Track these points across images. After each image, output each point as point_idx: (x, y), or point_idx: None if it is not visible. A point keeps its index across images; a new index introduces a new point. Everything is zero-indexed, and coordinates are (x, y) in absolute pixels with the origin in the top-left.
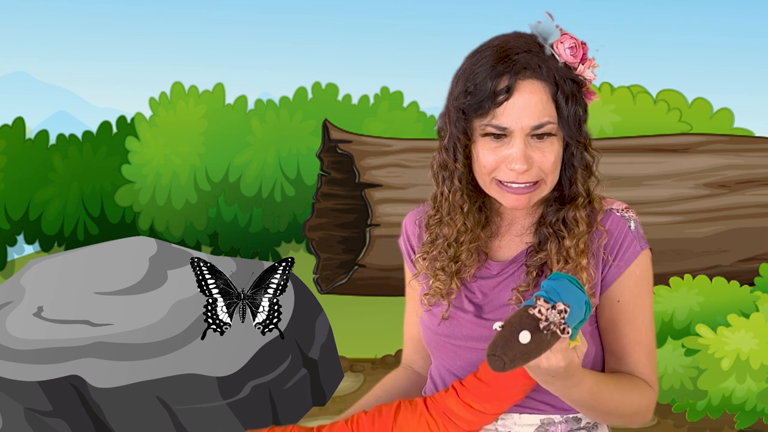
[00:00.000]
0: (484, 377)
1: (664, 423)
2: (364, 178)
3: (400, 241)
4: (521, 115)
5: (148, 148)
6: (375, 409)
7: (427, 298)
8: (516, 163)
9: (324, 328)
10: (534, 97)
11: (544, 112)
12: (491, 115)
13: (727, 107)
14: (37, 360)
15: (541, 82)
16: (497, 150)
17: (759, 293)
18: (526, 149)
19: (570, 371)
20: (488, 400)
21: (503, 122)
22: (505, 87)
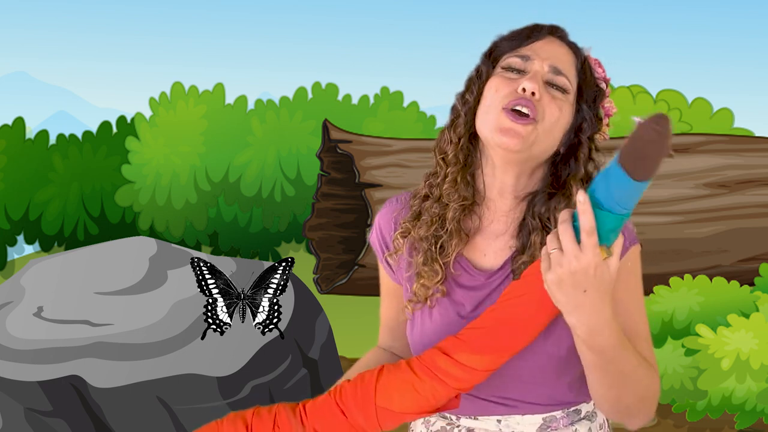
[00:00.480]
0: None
1: (664, 423)
2: (364, 178)
3: (373, 239)
4: (546, 54)
5: (148, 148)
6: (358, 376)
7: (411, 304)
8: (528, 82)
9: (324, 328)
10: (561, 50)
11: (566, 67)
12: (517, 50)
13: (727, 107)
14: (37, 360)
15: (570, 49)
16: (513, 81)
17: (759, 293)
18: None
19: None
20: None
21: (526, 53)
22: (539, 32)
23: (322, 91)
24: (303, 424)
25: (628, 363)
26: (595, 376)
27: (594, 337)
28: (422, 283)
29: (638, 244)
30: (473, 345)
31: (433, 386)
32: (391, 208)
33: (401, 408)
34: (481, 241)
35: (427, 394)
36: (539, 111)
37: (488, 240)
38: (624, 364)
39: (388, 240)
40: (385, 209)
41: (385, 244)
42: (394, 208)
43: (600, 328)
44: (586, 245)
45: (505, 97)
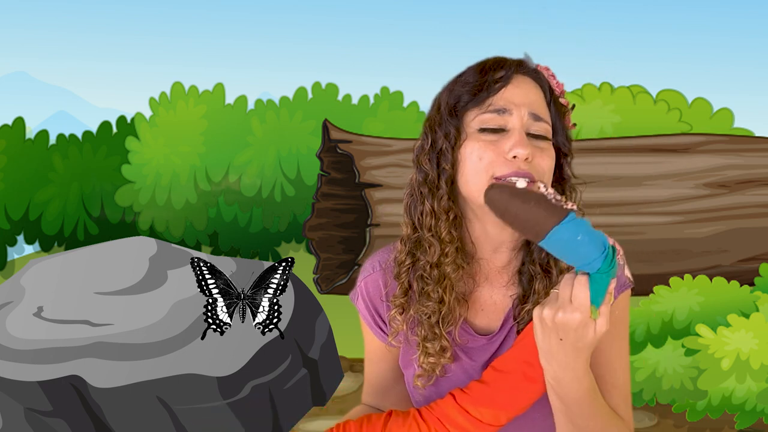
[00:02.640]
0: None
1: (664, 423)
2: (364, 178)
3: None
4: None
5: (148, 148)
6: (364, 417)
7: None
8: (518, 147)
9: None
10: (532, 92)
11: (542, 110)
12: (488, 103)
13: (727, 107)
14: (37, 360)
15: (536, 83)
16: (495, 144)
17: (759, 293)
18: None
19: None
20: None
21: (500, 104)
22: (502, 75)
23: (322, 91)
24: None
25: (597, 420)
26: (561, 422)
27: (561, 386)
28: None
29: (629, 290)
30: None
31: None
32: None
33: None
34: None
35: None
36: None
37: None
38: (592, 420)
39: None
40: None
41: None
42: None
43: (568, 381)
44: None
45: (493, 164)
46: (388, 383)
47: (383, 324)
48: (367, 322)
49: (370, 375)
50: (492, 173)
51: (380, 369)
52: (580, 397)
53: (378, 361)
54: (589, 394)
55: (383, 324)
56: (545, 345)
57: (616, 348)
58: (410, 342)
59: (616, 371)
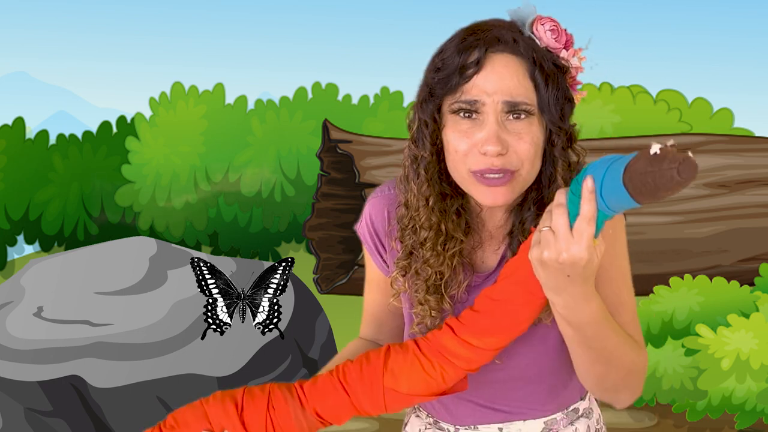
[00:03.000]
0: (482, 308)
1: (664, 423)
2: (364, 178)
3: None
4: (493, 89)
5: (148, 148)
6: (362, 356)
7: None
8: (488, 144)
9: (324, 328)
10: (507, 71)
11: (519, 88)
12: (460, 91)
13: (727, 107)
14: (37, 360)
15: (516, 57)
16: (469, 133)
17: (759, 293)
18: (500, 131)
19: (588, 273)
20: (488, 332)
21: (473, 95)
22: (474, 60)
23: (322, 91)
24: (302, 405)
25: (610, 339)
26: (577, 351)
27: (573, 313)
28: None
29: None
30: (475, 328)
31: (443, 368)
32: (382, 201)
33: (409, 390)
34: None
35: (437, 375)
36: (512, 162)
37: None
38: (606, 340)
39: (381, 235)
40: (376, 199)
41: (379, 240)
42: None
43: (580, 306)
44: (582, 234)
45: (467, 156)
46: (385, 314)
47: (384, 251)
48: (369, 249)
49: (369, 305)
50: (468, 166)
51: (379, 299)
52: (592, 318)
53: (377, 291)
54: (602, 312)
55: (384, 251)
56: (551, 282)
57: (617, 266)
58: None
59: (621, 289)
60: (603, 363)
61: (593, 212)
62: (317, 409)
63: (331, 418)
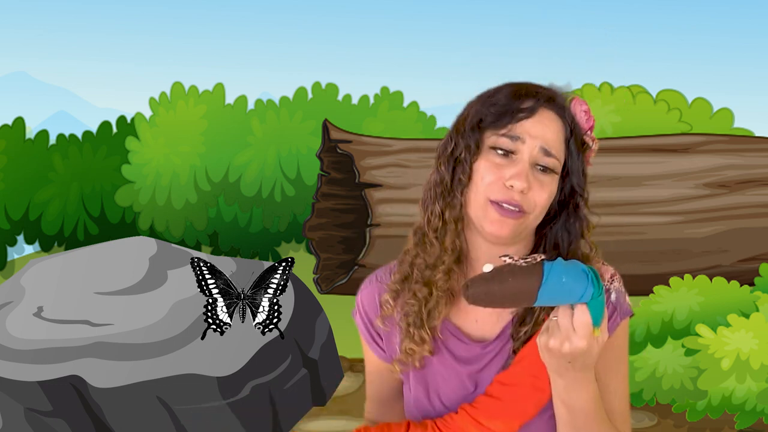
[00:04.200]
0: (494, 393)
1: (664, 423)
2: (364, 178)
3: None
4: (536, 134)
5: (148, 148)
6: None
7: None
8: (517, 180)
9: (324, 328)
10: (551, 126)
11: (556, 144)
12: (507, 128)
13: (727, 107)
14: (37, 360)
15: (560, 119)
16: (501, 168)
17: (759, 293)
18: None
19: (588, 361)
20: (499, 416)
21: (518, 133)
22: (529, 107)
23: (322, 91)
24: None
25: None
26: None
27: (571, 396)
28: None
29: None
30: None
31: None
32: (372, 289)
33: None
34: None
35: None
36: (528, 203)
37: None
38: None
39: (374, 321)
40: (367, 290)
41: (373, 328)
42: (375, 288)
43: (578, 391)
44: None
45: (492, 186)
46: (388, 401)
47: (378, 338)
48: (365, 337)
49: (371, 390)
50: (488, 195)
51: (380, 384)
52: (587, 404)
53: (378, 378)
54: (595, 400)
55: (378, 338)
56: (554, 366)
57: (616, 374)
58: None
59: (615, 396)
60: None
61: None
62: None
63: None
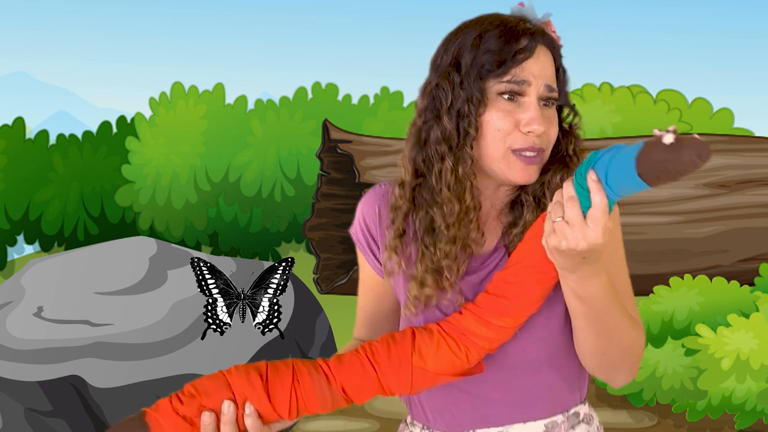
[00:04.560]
0: (498, 291)
1: (664, 423)
2: (364, 178)
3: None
4: (539, 73)
5: (148, 148)
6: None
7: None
8: (535, 124)
9: (324, 328)
10: (548, 61)
11: (553, 78)
12: (511, 73)
13: (727, 107)
14: (37, 360)
15: (550, 50)
16: (512, 114)
17: (759, 293)
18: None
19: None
20: (507, 313)
21: (523, 76)
22: (526, 46)
23: (322, 91)
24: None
25: (615, 313)
26: (582, 325)
27: (584, 287)
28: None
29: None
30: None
31: (467, 347)
32: (373, 200)
33: (436, 369)
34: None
35: (462, 355)
36: (545, 142)
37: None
38: (611, 314)
39: (374, 233)
40: (368, 201)
41: (372, 239)
42: (376, 197)
43: (591, 280)
44: (598, 223)
45: (510, 137)
46: (379, 317)
47: (376, 249)
48: (362, 249)
49: (362, 308)
50: (509, 145)
51: (372, 301)
52: (601, 291)
53: (369, 293)
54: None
55: (376, 249)
56: (568, 265)
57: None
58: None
59: (619, 279)
60: (605, 337)
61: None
62: (344, 386)
63: (357, 396)
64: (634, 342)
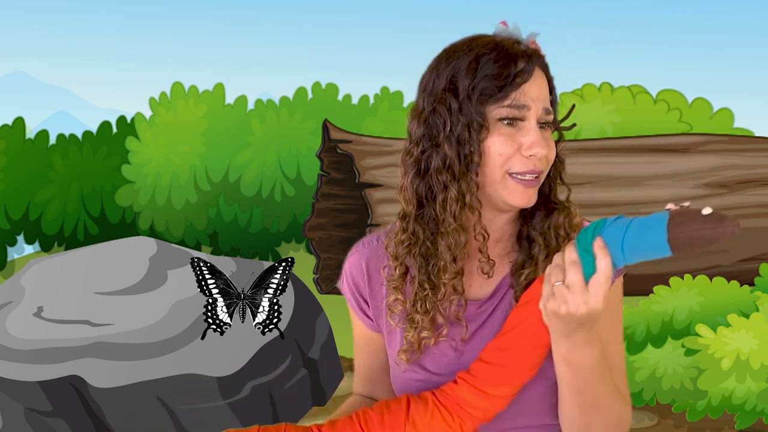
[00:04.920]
0: (493, 360)
1: (664, 423)
2: (364, 178)
3: (344, 289)
4: (537, 96)
5: (148, 148)
6: (382, 404)
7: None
8: (536, 147)
9: (324, 328)
10: (543, 83)
11: (548, 100)
12: (511, 98)
13: (727, 107)
14: (37, 360)
15: (545, 74)
16: (512, 138)
17: (759, 293)
18: None
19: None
20: (503, 381)
21: (521, 101)
22: (523, 69)
23: (322, 91)
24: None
25: (602, 388)
26: (568, 396)
27: (575, 355)
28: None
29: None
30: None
31: (461, 419)
32: (360, 255)
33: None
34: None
35: (456, 427)
36: (545, 166)
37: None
38: (598, 387)
39: (362, 289)
40: (354, 257)
41: (361, 296)
42: (362, 254)
43: (583, 348)
44: (598, 290)
45: (511, 161)
46: (377, 372)
47: (366, 306)
48: (352, 306)
49: (360, 363)
50: (507, 168)
51: (369, 357)
52: (592, 360)
53: (366, 349)
54: (599, 356)
55: (366, 306)
56: (562, 330)
57: (612, 330)
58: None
59: (614, 353)
60: (589, 411)
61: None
62: None
63: None
64: (621, 418)
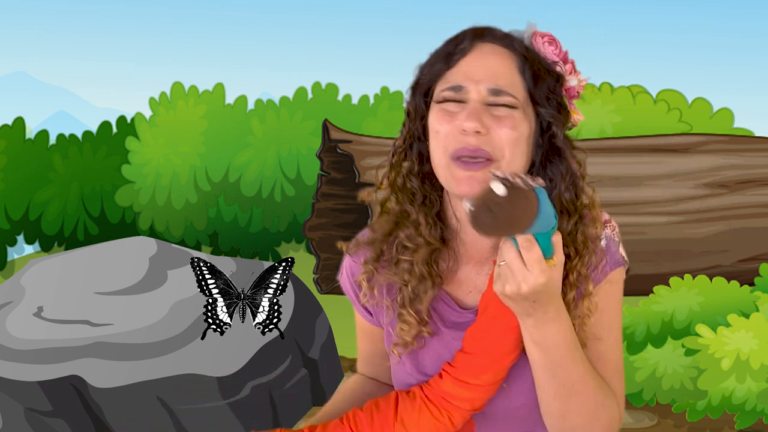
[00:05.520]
0: (471, 349)
1: (664, 423)
2: (364, 178)
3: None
4: (479, 75)
5: (148, 148)
6: (371, 404)
7: (398, 349)
8: (467, 121)
9: (324, 328)
10: (494, 58)
11: (505, 78)
12: (445, 78)
13: (727, 107)
14: (37, 360)
15: (506, 49)
16: (452, 116)
17: (759, 293)
18: (482, 112)
19: (550, 290)
20: (482, 370)
21: (458, 80)
22: (461, 47)
23: (322, 91)
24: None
25: (576, 369)
26: (542, 379)
27: (542, 332)
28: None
29: (622, 267)
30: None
31: (449, 412)
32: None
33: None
34: (463, 276)
35: (445, 420)
36: (492, 146)
37: (470, 274)
38: (572, 369)
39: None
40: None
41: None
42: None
43: (548, 325)
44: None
45: (447, 140)
46: (377, 359)
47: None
48: (350, 298)
49: (361, 349)
50: (445, 147)
51: (368, 345)
52: (560, 339)
53: (365, 337)
54: (568, 336)
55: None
56: (520, 309)
57: (606, 323)
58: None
59: (606, 350)
60: (564, 398)
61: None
62: None
63: None
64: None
